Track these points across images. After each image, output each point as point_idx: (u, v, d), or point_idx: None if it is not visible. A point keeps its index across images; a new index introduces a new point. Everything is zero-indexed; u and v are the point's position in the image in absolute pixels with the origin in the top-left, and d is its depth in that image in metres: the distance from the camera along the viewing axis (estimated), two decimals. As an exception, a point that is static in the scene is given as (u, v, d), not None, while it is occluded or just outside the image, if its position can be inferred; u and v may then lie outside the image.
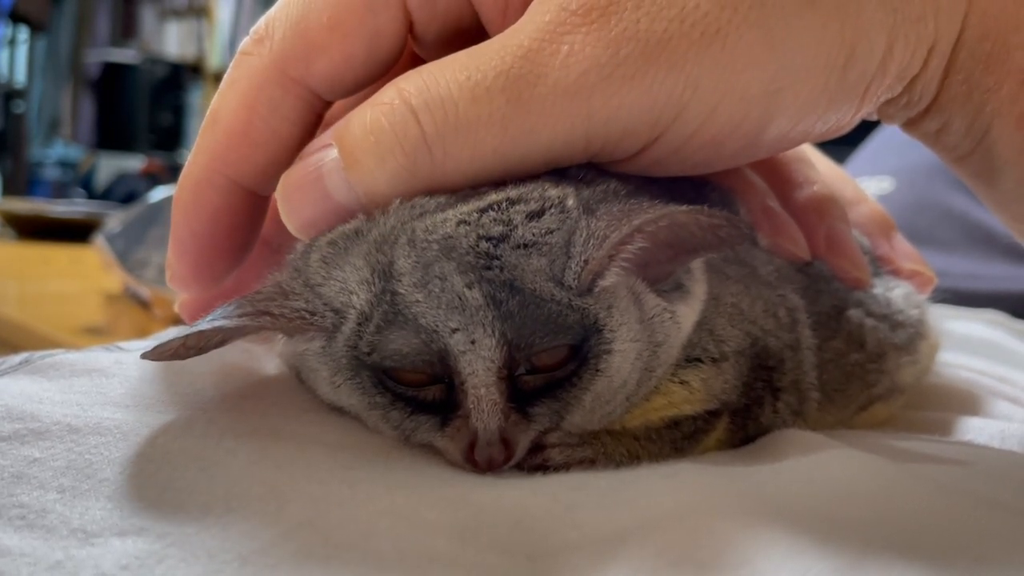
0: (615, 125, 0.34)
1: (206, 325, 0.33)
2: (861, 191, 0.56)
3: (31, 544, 0.28)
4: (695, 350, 0.38)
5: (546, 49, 0.33)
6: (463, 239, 0.33)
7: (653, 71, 0.33)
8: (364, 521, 0.29)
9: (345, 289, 0.34)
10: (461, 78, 0.33)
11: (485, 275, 0.32)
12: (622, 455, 0.37)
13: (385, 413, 0.35)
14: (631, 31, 0.33)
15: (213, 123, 0.40)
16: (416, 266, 0.33)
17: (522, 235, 0.33)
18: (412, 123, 0.34)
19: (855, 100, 0.37)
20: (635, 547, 0.28)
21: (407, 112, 0.34)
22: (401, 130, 0.34)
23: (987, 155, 0.39)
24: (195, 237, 0.41)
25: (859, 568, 0.26)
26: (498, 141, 0.34)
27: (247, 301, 0.34)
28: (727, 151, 0.37)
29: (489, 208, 0.34)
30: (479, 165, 0.34)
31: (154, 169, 4.62)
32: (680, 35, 0.33)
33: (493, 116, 0.33)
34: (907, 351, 0.48)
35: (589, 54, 0.33)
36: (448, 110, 0.33)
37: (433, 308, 0.32)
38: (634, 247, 0.33)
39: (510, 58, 0.33)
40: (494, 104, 0.33)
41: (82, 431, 0.33)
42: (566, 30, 0.33)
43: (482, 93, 0.33)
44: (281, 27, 0.38)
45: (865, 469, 0.34)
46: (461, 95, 0.33)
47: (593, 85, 0.33)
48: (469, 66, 0.34)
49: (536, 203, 0.34)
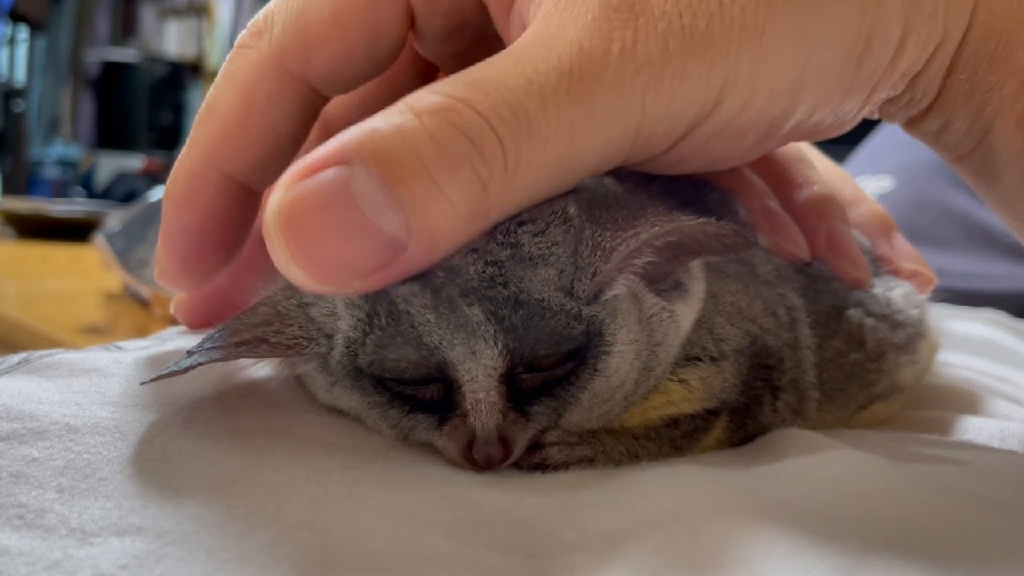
0: (663, 123, 0.33)
1: (203, 357, 0.32)
2: (861, 191, 0.56)
3: (29, 544, 0.27)
4: (694, 349, 0.38)
5: (599, 48, 0.31)
6: (470, 267, 0.32)
7: (699, 67, 0.32)
8: (363, 521, 0.29)
9: (332, 313, 0.34)
10: (523, 82, 0.30)
11: (487, 294, 0.32)
12: (621, 454, 0.37)
13: (383, 412, 0.35)
14: (676, 26, 0.32)
15: (208, 116, 0.39)
16: (424, 289, 0.32)
17: (528, 251, 0.33)
18: (487, 128, 0.30)
19: (864, 94, 0.36)
20: (635, 546, 0.28)
21: (477, 116, 0.30)
22: (478, 135, 0.29)
23: (988, 154, 0.39)
24: (186, 232, 0.40)
25: (860, 569, 0.26)
26: (566, 146, 0.31)
27: (243, 325, 0.34)
28: (745, 145, 0.36)
29: (496, 232, 0.33)
30: (544, 175, 0.32)
31: (154, 168, 4.63)
32: (722, 30, 0.32)
33: (563, 120, 0.31)
34: (907, 351, 0.48)
35: (641, 51, 0.31)
36: (519, 115, 0.30)
37: (440, 329, 0.32)
38: (642, 261, 0.33)
39: (567, 58, 0.31)
40: (562, 107, 0.31)
41: (81, 431, 0.33)
42: (614, 27, 0.32)
43: (550, 96, 0.30)
44: (280, 20, 0.38)
45: (865, 469, 0.34)
46: (529, 99, 0.30)
47: (646, 83, 0.32)
48: (526, 70, 0.31)
49: (542, 221, 0.33)
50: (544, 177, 0.31)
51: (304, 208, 0.28)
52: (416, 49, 0.42)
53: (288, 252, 0.29)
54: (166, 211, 0.40)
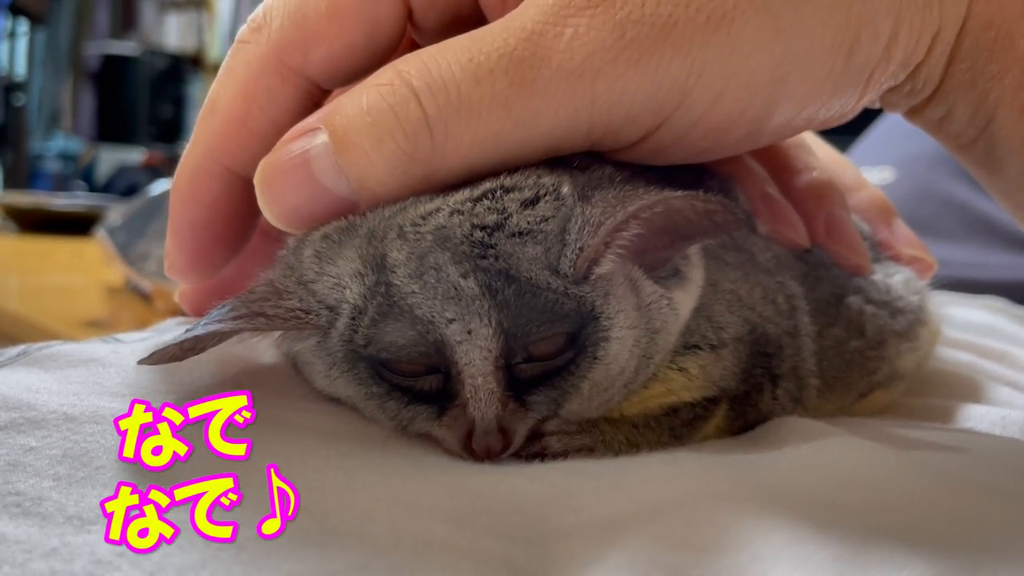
0: (619, 110, 0.33)
1: (201, 330, 0.32)
2: (861, 177, 0.56)
3: (26, 531, 0.27)
4: (693, 337, 0.38)
5: (550, 32, 0.32)
6: (457, 229, 0.33)
7: (658, 55, 0.32)
8: (361, 507, 0.29)
9: (339, 284, 0.34)
10: (463, 59, 0.32)
11: (480, 264, 0.32)
12: (621, 443, 0.37)
13: (382, 403, 0.35)
14: (636, 14, 0.32)
15: (211, 112, 0.40)
16: (410, 257, 0.33)
17: (517, 223, 0.33)
18: (414, 103, 0.32)
19: (859, 86, 0.36)
20: (634, 533, 0.28)
21: (408, 92, 0.33)
22: (402, 110, 0.33)
23: (990, 143, 0.38)
24: (193, 226, 0.41)
25: (861, 556, 0.26)
26: (500, 124, 0.33)
27: (241, 302, 0.34)
28: (731, 139, 0.36)
29: (483, 196, 0.33)
30: (479, 150, 0.33)
31: (155, 162, 4.62)
32: (686, 19, 0.32)
33: (496, 98, 0.32)
34: (907, 338, 0.48)
35: (594, 37, 0.32)
36: (451, 91, 0.32)
37: (429, 299, 0.32)
38: (629, 233, 0.33)
39: (513, 40, 0.32)
40: (497, 86, 0.32)
41: (78, 420, 0.33)
42: (570, 13, 0.33)
43: (485, 74, 0.32)
44: (279, 15, 0.38)
45: (865, 457, 0.34)
46: (464, 76, 0.32)
47: (597, 68, 0.32)
48: (471, 48, 0.33)
49: (531, 191, 0.34)
50: (481, 152, 0.33)
51: (273, 167, 0.35)
52: (416, 40, 0.42)
53: (264, 201, 0.35)
54: (173, 207, 0.41)
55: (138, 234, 1.33)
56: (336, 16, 0.37)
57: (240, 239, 0.42)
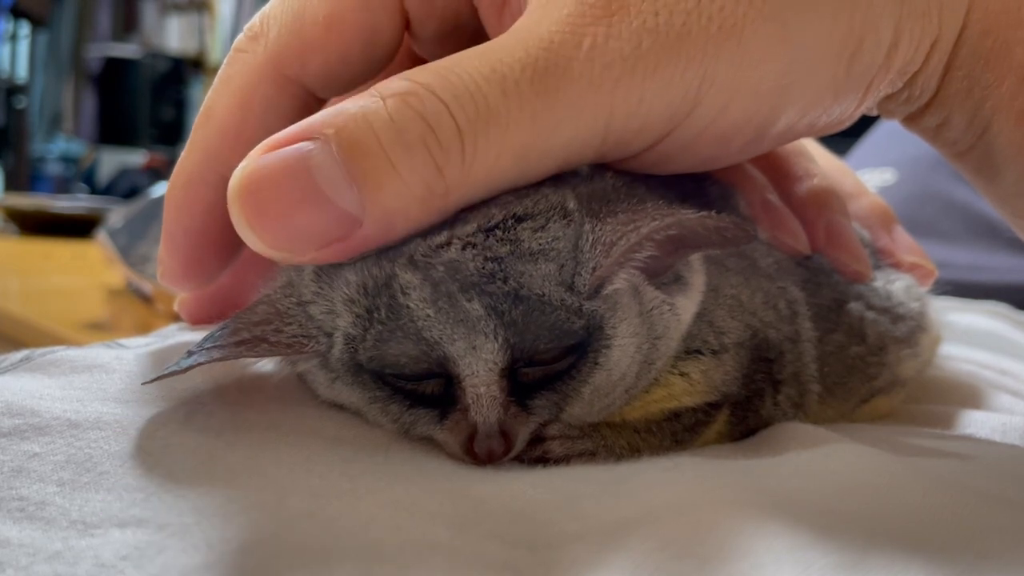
0: (633, 120, 0.33)
1: (203, 356, 0.33)
2: (861, 184, 0.56)
3: (30, 535, 0.28)
4: (695, 342, 0.38)
5: (569, 42, 0.32)
6: (470, 263, 0.32)
7: (672, 65, 0.32)
8: (364, 512, 0.29)
9: (332, 311, 0.34)
10: (485, 70, 0.31)
11: (487, 288, 0.32)
12: (622, 447, 0.37)
13: (384, 407, 0.35)
14: (651, 24, 0.32)
15: (207, 120, 0.39)
16: (424, 283, 0.32)
17: (529, 247, 0.33)
18: (446, 113, 0.31)
19: (859, 93, 0.36)
20: (636, 539, 0.28)
21: (437, 102, 0.31)
22: (435, 119, 0.30)
23: (987, 151, 0.39)
24: (187, 234, 0.40)
25: (862, 564, 0.26)
26: (527, 136, 0.32)
27: (243, 324, 0.34)
28: (734, 147, 0.36)
29: (495, 228, 0.33)
30: (503, 165, 0.32)
31: (156, 164, 4.63)
32: (699, 29, 0.32)
33: (524, 110, 0.31)
34: (908, 344, 0.48)
35: (612, 47, 0.32)
36: (479, 103, 0.31)
37: (440, 324, 0.32)
38: (642, 255, 0.33)
39: (535, 50, 0.32)
40: (524, 97, 0.31)
41: (82, 426, 0.33)
42: (587, 22, 0.32)
43: (511, 86, 0.31)
44: (276, 24, 0.38)
45: (866, 463, 0.34)
46: (490, 88, 0.31)
47: (617, 78, 0.32)
48: (491, 60, 0.32)
49: (542, 217, 0.33)
50: (505, 166, 0.32)
51: (261, 177, 0.30)
52: (413, 49, 0.42)
53: (244, 217, 0.30)
54: (167, 214, 0.40)
55: (139, 236, 1.33)
56: (334, 25, 0.37)
57: (234, 248, 0.42)
